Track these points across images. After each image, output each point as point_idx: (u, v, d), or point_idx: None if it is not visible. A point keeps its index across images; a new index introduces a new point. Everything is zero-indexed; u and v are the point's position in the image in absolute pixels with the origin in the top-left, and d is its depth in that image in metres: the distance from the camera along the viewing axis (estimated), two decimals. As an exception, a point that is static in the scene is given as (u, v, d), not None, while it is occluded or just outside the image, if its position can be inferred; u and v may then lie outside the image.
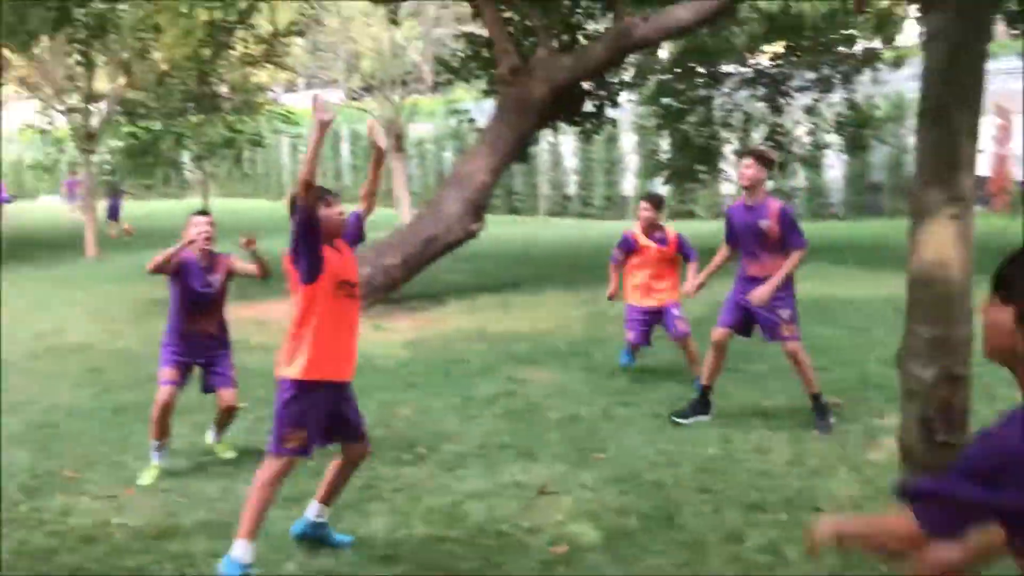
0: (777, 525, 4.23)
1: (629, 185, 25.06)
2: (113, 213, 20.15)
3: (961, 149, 2.31)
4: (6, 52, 13.60)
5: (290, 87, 47.76)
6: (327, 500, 4.14)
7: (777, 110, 15.06)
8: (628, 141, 24.74)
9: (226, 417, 5.41)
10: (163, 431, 5.15)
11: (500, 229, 18.00)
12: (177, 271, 5.17)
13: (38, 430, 6.02)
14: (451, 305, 10.50)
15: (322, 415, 3.94)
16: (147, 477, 5.05)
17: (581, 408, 6.28)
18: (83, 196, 29.95)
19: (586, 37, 12.31)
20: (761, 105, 15.45)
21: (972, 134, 2.37)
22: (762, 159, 5.79)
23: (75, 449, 5.58)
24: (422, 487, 4.88)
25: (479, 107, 20.16)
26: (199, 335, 5.29)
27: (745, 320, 5.84)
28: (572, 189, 26.87)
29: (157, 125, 12.38)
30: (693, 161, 15.29)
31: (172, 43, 14.81)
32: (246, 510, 3.81)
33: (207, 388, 5.43)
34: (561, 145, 25.94)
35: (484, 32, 12.26)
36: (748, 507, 4.45)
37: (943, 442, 2.46)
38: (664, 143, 16.74)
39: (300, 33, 16.56)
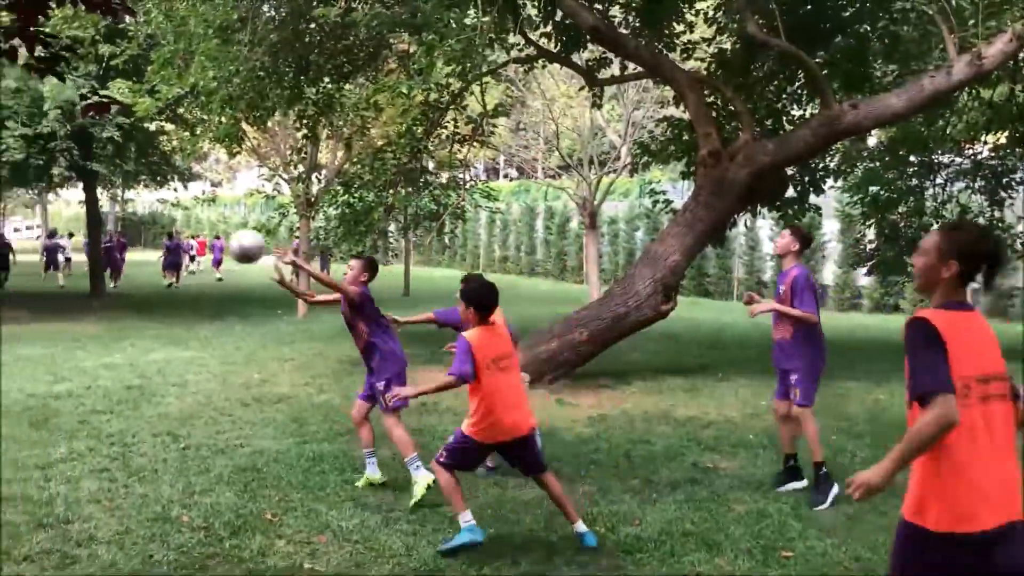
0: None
1: (829, 273, 24.13)
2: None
3: None
4: (244, 125, 15.00)
5: (491, 164, 49.82)
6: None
7: (998, 203, 14.10)
8: (830, 228, 23.90)
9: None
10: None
11: (691, 311, 17.77)
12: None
13: (243, 473, 6.45)
14: (636, 385, 10.42)
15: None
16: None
17: (770, 503, 6.01)
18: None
19: (791, 122, 12.13)
20: (979, 198, 14.53)
21: None
22: (797, 233, 6.30)
23: (275, 494, 5.94)
24: (597, 566, 4.82)
25: (675, 188, 20.21)
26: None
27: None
28: (768, 275, 26.16)
29: (370, 196, 13.20)
30: (901, 253, 14.52)
31: (389, 121, 15.91)
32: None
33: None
34: (759, 230, 25.42)
35: (685, 115, 12.35)
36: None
37: None
38: (870, 233, 16.01)
39: (505, 114, 17.30)
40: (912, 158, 14.19)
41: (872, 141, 16.36)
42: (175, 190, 25.28)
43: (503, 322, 5.20)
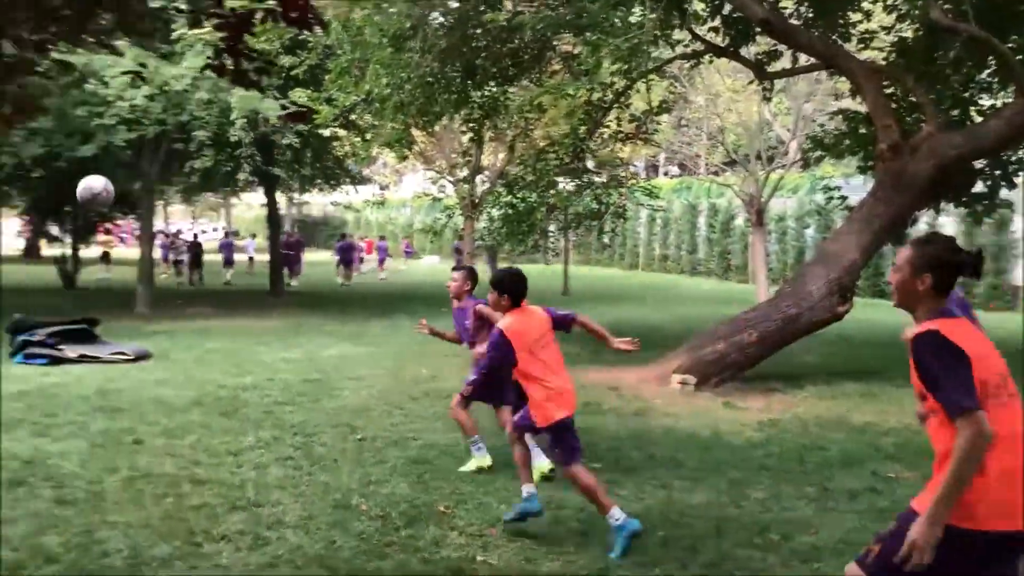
0: None
1: (1020, 273, 22.39)
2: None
3: None
4: (412, 130, 15.48)
5: (651, 162, 49.30)
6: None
7: None
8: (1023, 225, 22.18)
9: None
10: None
11: (867, 312, 16.93)
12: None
13: (416, 465, 6.68)
14: (809, 389, 10.02)
15: None
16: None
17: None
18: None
19: (980, 113, 11.34)
20: None
21: None
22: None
23: (447, 486, 6.10)
24: (772, 573, 4.68)
25: (848, 183, 19.32)
26: None
27: None
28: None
29: (532, 196, 13.36)
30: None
31: (551, 122, 16.05)
32: None
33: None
34: (942, 227, 23.91)
35: (861, 108, 11.78)
36: None
37: None
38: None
39: (668, 110, 17.10)
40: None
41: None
42: (346, 193, 26.49)
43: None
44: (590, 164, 16.03)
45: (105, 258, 27.96)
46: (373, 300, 22.35)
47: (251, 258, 33.03)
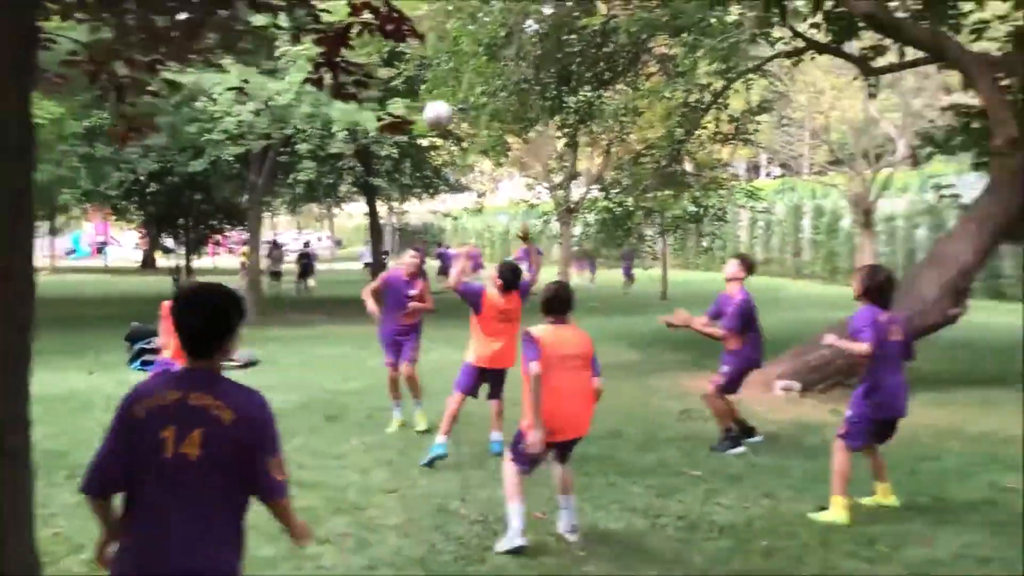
0: None
1: None
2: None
3: None
4: (508, 137, 15.59)
5: (752, 163, 48.32)
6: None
7: None
8: None
9: (412, 386, 8.13)
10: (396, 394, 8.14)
11: (984, 315, 16.18)
12: (386, 289, 8.22)
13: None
14: (921, 396, 9.55)
15: None
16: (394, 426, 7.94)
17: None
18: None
19: (1105, 103, 10.67)
20: None
21: None
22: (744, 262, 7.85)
23: (544, 492, 6.06)
24: (884, 588, 4.52)
25: (961, 181, 18.51)
26: (402, 326, 8.18)
27: None
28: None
29: (629, 201, 13.26)
30: None
31: (647, 125, 15.92)
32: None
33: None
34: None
35: (975, 101, 11.25)
36: None
37: None
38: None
39: (769, 109, 16.71)
40: None
41: None
42: (444, 201, 26.85)
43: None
44: (688, 167, 15.83)
45: (244, 268, 28.89)
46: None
47: (366, 264, 33.77)
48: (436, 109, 7.39)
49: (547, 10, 11.75)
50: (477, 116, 11.33)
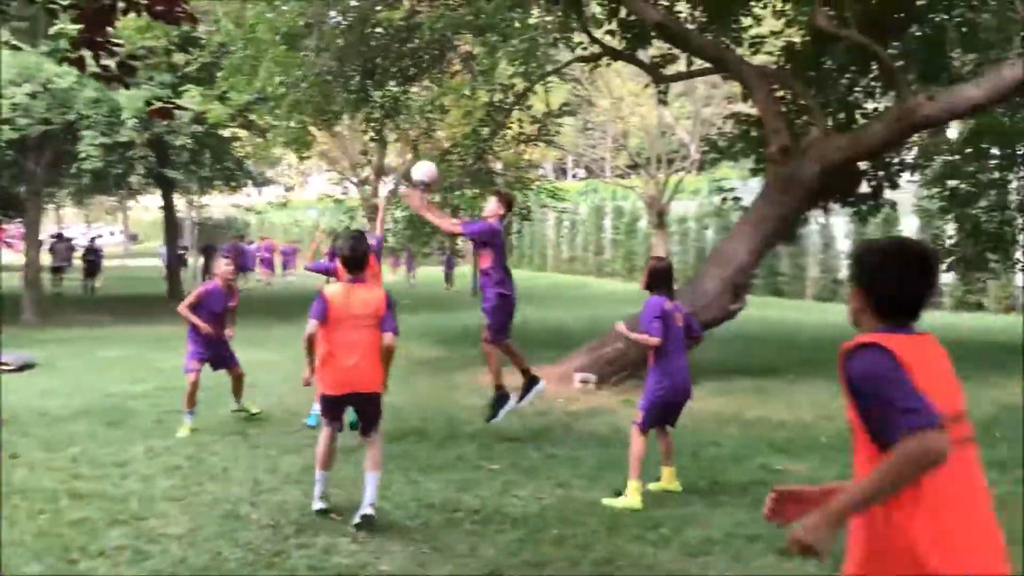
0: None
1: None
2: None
3: None
4: (312, 129, 15.20)
5: (559, 165, 49.78)
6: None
7: (1085, 196, 13.50)
8: (909, 224, 23.18)
9: (237, 385, 8.41)
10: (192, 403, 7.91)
11: (763, 311, 17.41)
12: (202, 302, 8.09)
13: (310, 472, 6.47)
14: (705, 386, 10.21)
15: None
16: (184, 431, 7.70)
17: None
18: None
19: (864, 116, 11.79)
20: (1066, 190, 13.92)
21: None
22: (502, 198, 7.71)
23: (341, 492, 5.98)
24: (662, 569, 4.74)
25: (745, 186, 19.89)
26: (216, 338, 8.13)
27: None
28: (843, 273, 25.51)
29: (436, 198, 13.26)
30: (983, 249, 14.00)
31: (455, 123, 16.01)
32: None
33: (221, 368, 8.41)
34: (833, 227, 24.81)
35: (754, 111, 12.12)
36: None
37: None
38: (950, 228, 15.47)
39: (571, 113, 17.24)
40: (994, 150, 13.66)
41: (952, 133, 15.80)
42: (248, 195, 25.87)
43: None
44: (498, 166, 16.05)
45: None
46: (276, 304, 21.87)
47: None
48: (424, 169, 7.62)
49: (352, 1, 11.56)
50: (276, 107, 10.97)
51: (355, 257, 5.57)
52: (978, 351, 11.91)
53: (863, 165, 11.72)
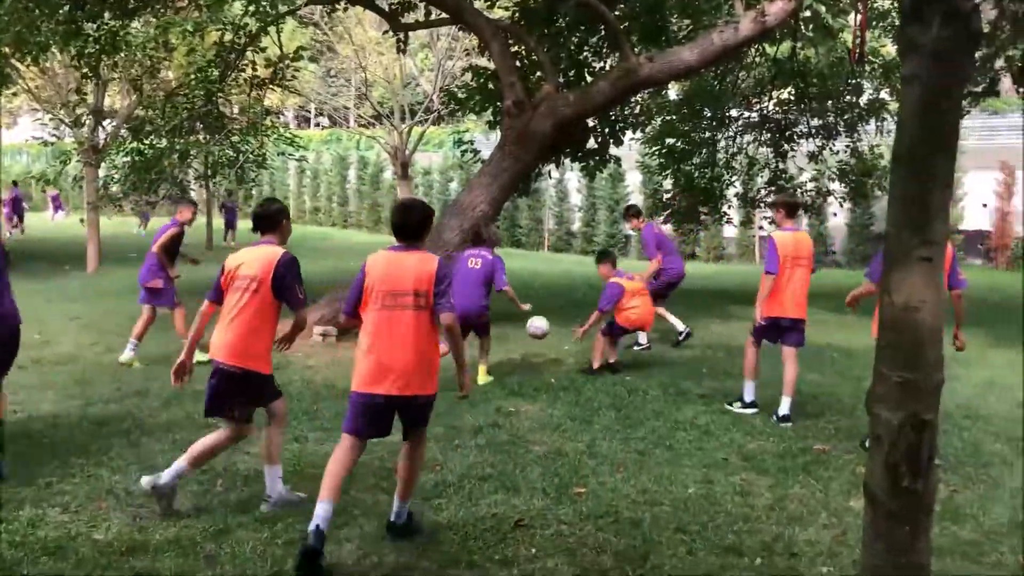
0: (753, 569, 4.17)
1: (632, 223, 25.11)
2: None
3: (934, 194, 2.30)
4: (16, 63, 13.66)
5: (302, 113, 48.18)
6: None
7: (781, 156, 15.10)
8: (633, 179, 24.84)
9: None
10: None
11: (506, 262, 17.98)
12: None
13: (15, 441, 5.96)
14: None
15: None
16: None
17: (566, 443, 6.23)
18: (67, 210, 30.32)
19: (592, 74, 12.39)
20: (766, 150, 15.50)
21: (946, 179, 2.36)
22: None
23: (53, 460, 5.53)
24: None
25: (489, 140, 20.36)
26: None
27: None
28: (576, 226, 26.94)
29: (162, 142, 12.40)
30: (696, 203, 15.31)
31: (184, 63, 14.97)
32: None
33: None
34: (568, 181, 26.06)
35: (491, 65, 12.37)
36: (725, 550, 4.38)
37: (908, 488, 2.42)
38: (667, 183, 16.75)
39: (312, 59, 16.67)
40: (706, 111, 14.90)
41: (672, 95, 17.04)
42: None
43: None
44: (235, 111, 15.24)
45: None
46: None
47: None
48: (537, 325, 8.52)
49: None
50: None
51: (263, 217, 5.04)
52: (693, 295, 13.04)
53: (591, 122, 12.34)
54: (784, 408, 6.85)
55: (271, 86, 12.58)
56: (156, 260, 8.83)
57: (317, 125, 47.92)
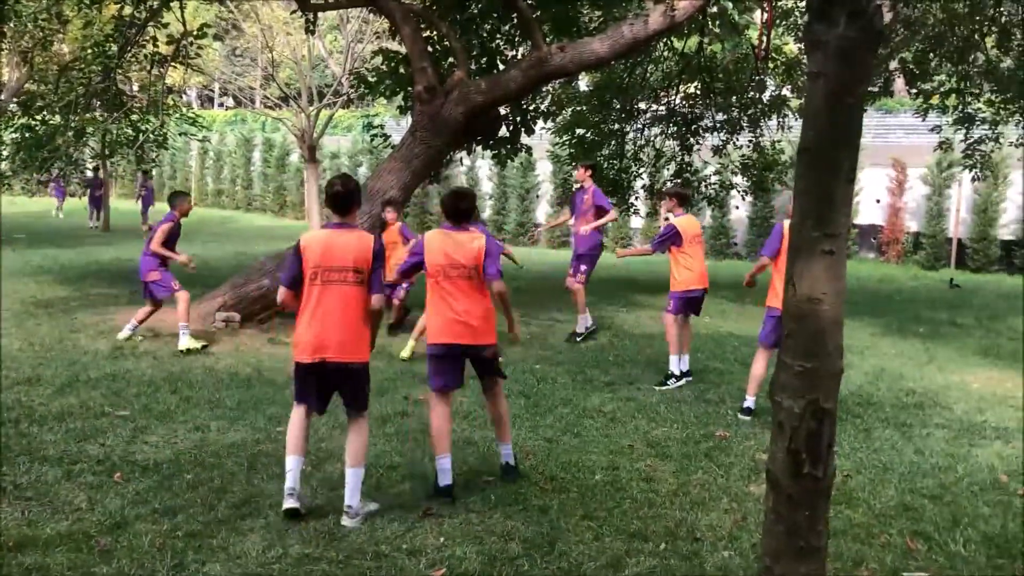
0: (657, 555, 4.25)
1: (543, 213, 25.30)
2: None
3: (837, 188, 2.38)
4: None
5: (206, 93, 46.77)
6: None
7: (687, 149, 15.39)
8: (544, 169, 24.96)
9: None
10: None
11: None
12: None
13: None
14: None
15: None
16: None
17: (476, 431, 6.23)
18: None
19: (504, 63, 12.37)
20: (672, 143, 15.77)
21: (848, 173, 2.44)
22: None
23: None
24: (302, 504, 4.73)
25: (399, 125, 20.13)
26: None
27: None
28: (487, 214, 26.93)
29: (55, 119, 11.82)
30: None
31: (78, 36, 14.32)
32: None
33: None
34: (479, 169, 26.02)
35: (403, 49, 12.21)
36: (630, 536, 4.46)
37: (808, 474, 2.50)
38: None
39: (210, 36, 16.18)
40: (615, 103, 15.06)
41: (583, 86, 17.17)
42: None
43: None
44: (135, 88, 14.67)
45: None
46: None
47: None
48: None
49: None
50: None
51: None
52: (600, 284, 13.21)
53: (503, 110, 12.32)
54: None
55: (173, 64, 12.13)
56: (153, 255, 8.71)
57: (221, 105, 46.58)
